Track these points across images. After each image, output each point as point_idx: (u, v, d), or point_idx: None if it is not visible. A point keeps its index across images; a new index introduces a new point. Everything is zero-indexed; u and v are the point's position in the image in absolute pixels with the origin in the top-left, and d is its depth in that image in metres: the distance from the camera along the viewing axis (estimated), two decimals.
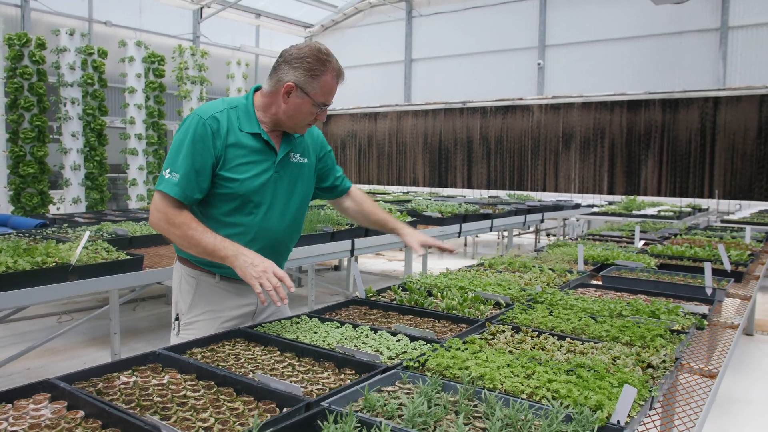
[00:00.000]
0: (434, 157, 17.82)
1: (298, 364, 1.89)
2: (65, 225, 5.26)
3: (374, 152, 19.26)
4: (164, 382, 1.73)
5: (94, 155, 9.65)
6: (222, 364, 1.88)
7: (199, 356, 1.95)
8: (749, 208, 11.37)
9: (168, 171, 2.16)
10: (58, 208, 9.11)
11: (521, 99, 15.85)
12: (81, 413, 1.51)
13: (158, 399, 1.60)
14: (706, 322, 2.46)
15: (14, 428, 1.42)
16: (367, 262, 10.50)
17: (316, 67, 2.18)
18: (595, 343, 2.05)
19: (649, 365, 1.85)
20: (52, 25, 9.38)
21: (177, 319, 2.40)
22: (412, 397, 1.53)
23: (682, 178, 13.53)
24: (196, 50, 11.05)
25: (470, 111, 16.92)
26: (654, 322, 2.27)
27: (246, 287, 2.35)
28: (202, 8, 17.80)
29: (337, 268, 9.70)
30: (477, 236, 14.69)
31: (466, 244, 13.51)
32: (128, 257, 3.13)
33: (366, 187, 17.71)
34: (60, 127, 9.34)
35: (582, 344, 2.05)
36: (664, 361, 1.87)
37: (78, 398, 1.55)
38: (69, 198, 9.28)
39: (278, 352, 2.00)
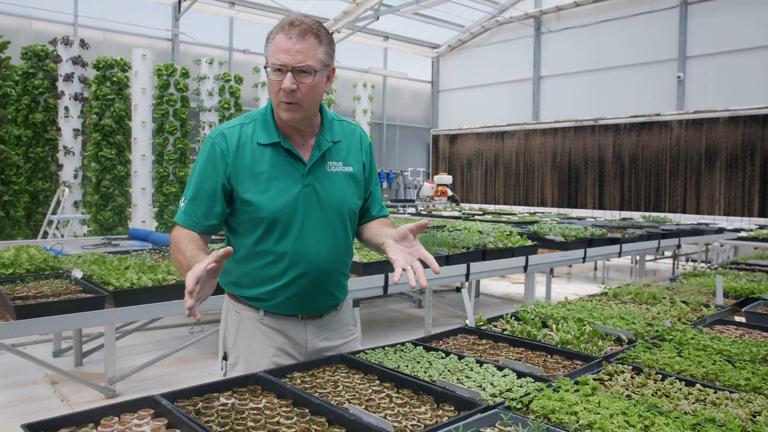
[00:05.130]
0: (563, 177, 17.18)
1: (396, 395, 1.82)
2: None
3: (501, 171, 18.94)
4: (260, 406, 1.73)
5: None
6: (320, 391, 1.85)
7: (299, 381, 1.94)
8: None
9: (182, 199, 2.00)
10: None
11: (658, 115, 14.89)
12: None
13: (251, 424, 1.59)
14: None
15: None
16: (491, 284, 10.25)
17: (270, 33, 1.90)
18: (731, 392, 1.80)
19: None
20: (197, 56, 10.17)
21: (225, 358, 2.12)
22: None
23: None
24: None
25: (602, 128, 16.16)
26: None
27: (295, 323, 2.09)
28: (333, 33, 18.53)
29: (458, 289, 9.52)
30: (608, 260, 13.88)
31: (596, 269, 12.82)
32: None
33: (492, 207, 17.41)
34: (198, 149, 10.06)
35: (714, 393, 1.80)
36: None
37: (176, 417, 1.58)
38: None
39: (377, 381, 1.94)
